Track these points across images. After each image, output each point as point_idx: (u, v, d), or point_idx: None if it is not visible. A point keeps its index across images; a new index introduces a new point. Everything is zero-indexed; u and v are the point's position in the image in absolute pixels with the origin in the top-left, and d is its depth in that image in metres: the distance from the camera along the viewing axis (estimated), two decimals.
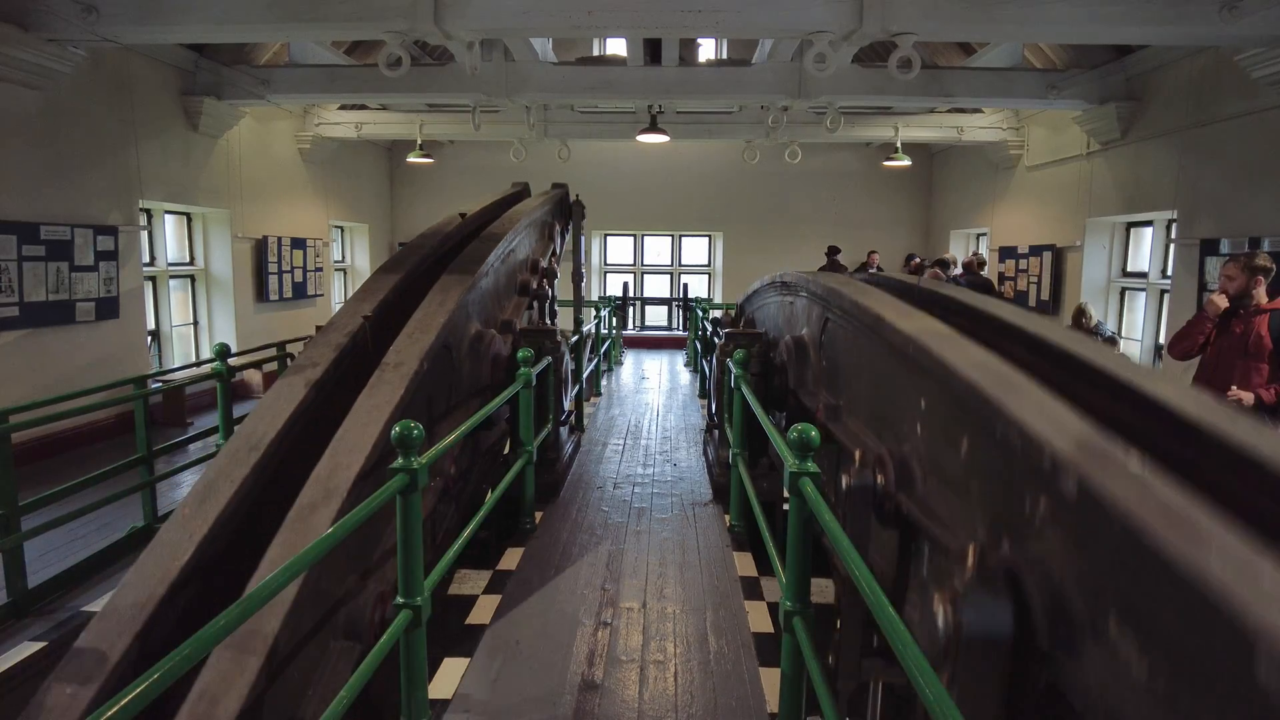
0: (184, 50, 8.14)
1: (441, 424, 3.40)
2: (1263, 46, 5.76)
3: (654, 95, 8.69)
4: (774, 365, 4.24)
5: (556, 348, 5.24)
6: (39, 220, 6.49)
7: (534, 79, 8.18)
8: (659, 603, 3.57)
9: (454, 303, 3.49)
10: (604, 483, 5.49)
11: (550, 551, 4.16)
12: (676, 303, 15.56)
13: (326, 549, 1.78)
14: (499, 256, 4.64)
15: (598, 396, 8.97)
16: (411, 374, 2.86)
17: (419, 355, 2.97)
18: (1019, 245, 10.76)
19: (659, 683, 2.89)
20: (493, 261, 4.43)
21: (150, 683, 1.14)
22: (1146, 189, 8.05)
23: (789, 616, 2.18)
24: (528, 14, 5.51)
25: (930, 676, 1.22)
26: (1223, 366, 4.42)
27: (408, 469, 2.24)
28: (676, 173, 14.65)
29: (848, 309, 2.74)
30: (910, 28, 5.45)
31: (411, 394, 2.83)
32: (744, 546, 4.26)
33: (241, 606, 1.44)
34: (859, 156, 14.43)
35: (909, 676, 1.27)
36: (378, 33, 5.75)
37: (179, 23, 5.75)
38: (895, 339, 2.07)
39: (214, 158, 9.09)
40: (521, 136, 10.67)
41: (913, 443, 2.00)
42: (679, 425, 7.43)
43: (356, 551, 2.41)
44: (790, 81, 8.06)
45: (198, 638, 1.29)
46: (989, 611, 1.32)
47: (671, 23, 5.62)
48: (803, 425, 2.24)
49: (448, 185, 14.79)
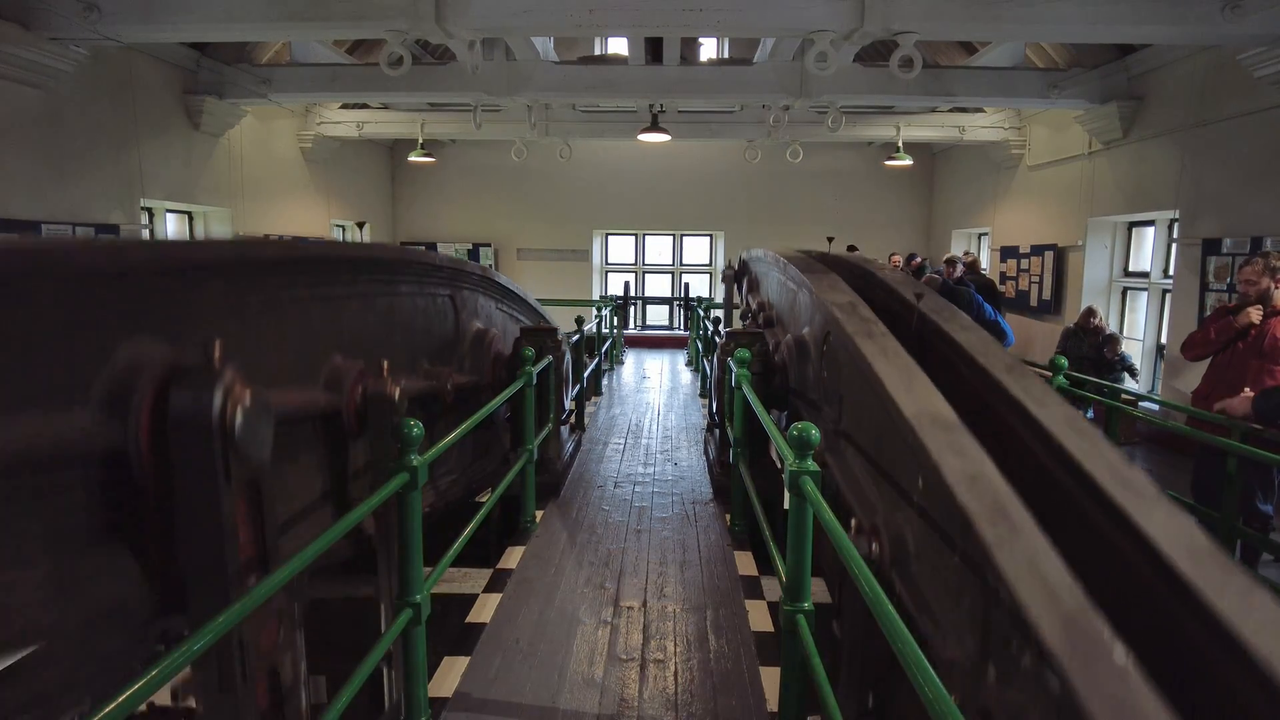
0: (186, 49, 8.15)
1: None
2: (1265, 45, 5.75)
3: (655, 94, 8.69)
4: (775, 365, 4.24)
5: (557, 346, 5.24)
6: (41, 219, 6.49)
7: (535, 78, 8.18)
8: (659, 601, 3.57)
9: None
10: (605, 482, 5.49)
11: (551, 550, 4.16)
12: (677, 302, 15.56)
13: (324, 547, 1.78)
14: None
15: (599, 395, 8.97)
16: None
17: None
18: (1020, 245, 10.75)
19: (659, 681, 2.89)
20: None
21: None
22: (1148, 188, 8.03)
23: (789, 615, 2.17)
24: (529, 13, 5.51)
25: (930, 677, 1.22)
26: (1236, 367, 4.37)
27: (406, 467, 2.24)
28: (678, 172, 14.65)
29: (852, 355, 2.41)
30: (912, 27, 5.44)
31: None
32: (744, 545, 4.26)
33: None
34: (860, 156, 14.42)
35: (910, 678, 1.27)
36: (379, 31, 5.76)
37: (181, 22, 5.76)
38: (895, 417, 1.87)
39: (215, 157, 9.10)
40: (523, 135, 10.68)
41: (910, 523, 1.83)
42: (680, 424, 7.43)
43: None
44: (792, 81, 8.06)
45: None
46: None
47: (672, 22, 5.62)
48: (803, 424, 2.24)
49: (449, 184, 14.81)
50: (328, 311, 2.42)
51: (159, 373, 1.46)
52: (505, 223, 14.94)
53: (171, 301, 1.60)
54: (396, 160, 14.67)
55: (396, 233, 15.02)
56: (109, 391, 1.39)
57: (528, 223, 14.96)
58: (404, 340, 3.15)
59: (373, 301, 2.82)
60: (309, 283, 2.28)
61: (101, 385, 1.38)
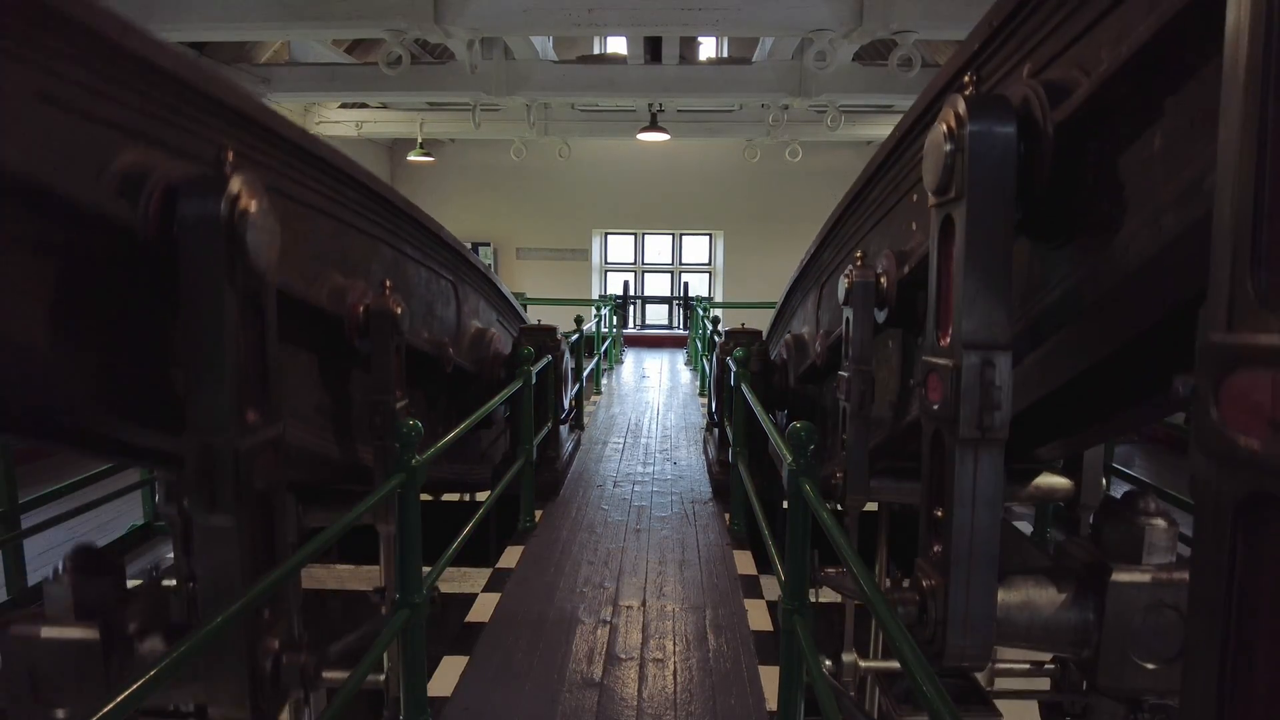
0: (184, 49, 8.13)
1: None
2: None
3: (654, 93, 8.69)
4: (774, 364, 4.24)
5: (557, 345, 5.23)
6: None
7: (534, 77, 8.18)
8: (658, 601, 3.57)
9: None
10: (604, 481, 5.49)
11: (550, 550, 4.16)
12: (677, 301, 15.57)
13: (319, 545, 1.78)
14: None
15: (598, 395, 8.97)
16: None
17: None
18: None
19: (658, 681, 2.89)
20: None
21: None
22: None
23: (788, 614, 2.17)
24: (528, 12, 5.52)
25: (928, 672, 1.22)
26: None
27: (405, 467, 2.24)
28: (677, 171, 14.65)
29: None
30: (910, 26, 5.45)
31: None
32: (744, 545, 4.26)
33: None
34: (860, 155, 14.38)
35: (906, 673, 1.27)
36: (378, 31, 5.76)
37: (179, 21, 5.76)
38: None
39: None
40: (522, 135, 10.68)
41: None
42: (679, 424, 7.43)
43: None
44: (791, 80, 8.06)
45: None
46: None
47: (671, 21, 5.63)
48: (802, 423, 2.24)
49: (448, 184, 14.80)
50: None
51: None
52: (504, 222, 14.93)
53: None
54: (395, 159, 14.66)
55: None
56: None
57: (527, 222, 14.95)
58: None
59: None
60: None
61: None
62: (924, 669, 1.23)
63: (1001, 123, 1.40)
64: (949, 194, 1.48)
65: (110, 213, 1.36)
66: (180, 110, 1.52)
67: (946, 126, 1.44)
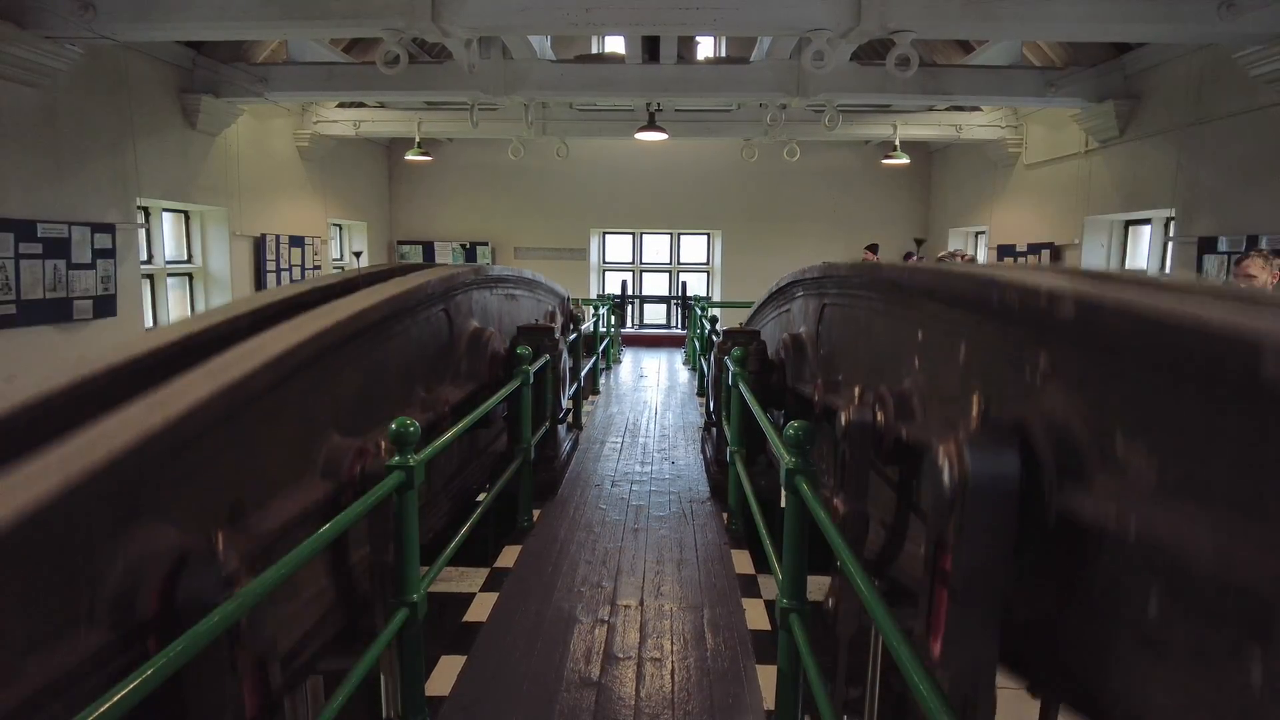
0: (182, 48, 8.12)
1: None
2: (1261, 44, 5.76)
3: (652, 93, 8.69)
4: (772, 363, 4.24)
5: (555, 345, 5.23)
6: (36, 218, 6.47)
7: (532, 77, 8.17)
8: (656, 600, 3.57)
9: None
10: (602, 480, 5.49)
11: (548, 549, 4.16)
12: (675, 301, 15.57)
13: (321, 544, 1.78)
14: None
15: (596, 394, 8.97)
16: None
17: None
18: (1017, 243, 10.76)
19: (656, 680, 2.89)
20: None
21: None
22: (1145, 187, 8.05)
23: (786, 614, 2.18)
24: (525, 11, 5.51)
25: (924, 676, 1.22)
26: None
27: (403, 466, 2.24)
28: (675, 171, 14.64)
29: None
30: (908, 25, 5.45)
31: None
32: (741, 544, 4.26)
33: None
34: (857, 154, 14.42)
35: (904, 676, 1.27)
36: (376, 30, 5.74)
37: (177, 20, 5.74)
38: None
39: (212, 155, 9.08)
40: (520, 134, 10.66)
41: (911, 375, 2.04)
42: (677, 423, 7.43)
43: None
44: (789, 79, 8.06)
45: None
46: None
47: (669, 20, 5.62)
48: (799, 423, 2.24)
49: (446, 183, 14.78)
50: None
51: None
52: (502, 221, 14.92)
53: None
54: (393, 159, 14.64)
55: (394, 232, 15.00)
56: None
57: (525, 221, 14.94)
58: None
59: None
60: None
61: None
62: (920, 670, 1.24)
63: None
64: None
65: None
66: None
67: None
